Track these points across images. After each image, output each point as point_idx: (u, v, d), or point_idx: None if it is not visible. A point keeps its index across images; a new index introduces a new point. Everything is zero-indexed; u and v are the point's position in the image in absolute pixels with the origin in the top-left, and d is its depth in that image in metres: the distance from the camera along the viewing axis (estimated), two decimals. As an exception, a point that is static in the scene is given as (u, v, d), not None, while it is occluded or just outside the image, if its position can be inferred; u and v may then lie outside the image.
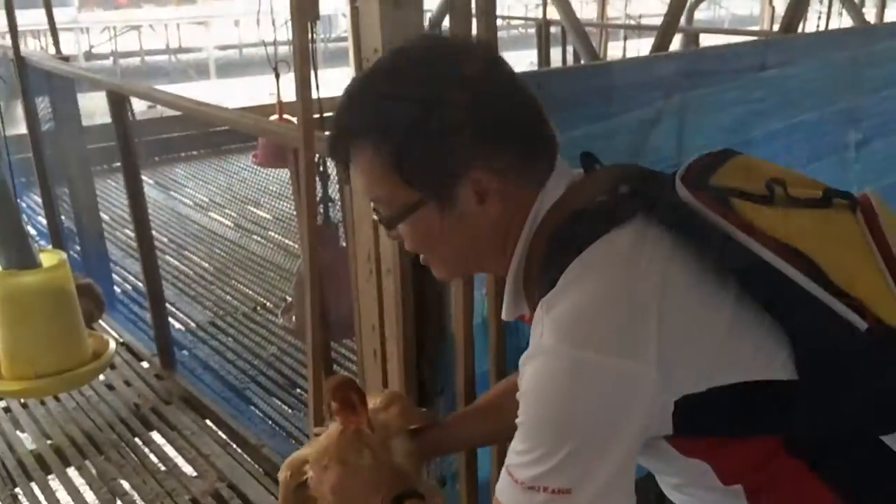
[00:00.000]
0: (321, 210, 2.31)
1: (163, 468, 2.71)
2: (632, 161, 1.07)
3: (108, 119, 3.10)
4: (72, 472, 2.73)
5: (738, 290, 0.86)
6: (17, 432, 2.95)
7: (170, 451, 2.83)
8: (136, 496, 2.57)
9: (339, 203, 2.60)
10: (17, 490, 2.62)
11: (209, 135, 6.47)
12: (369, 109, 0.93)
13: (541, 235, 0.94)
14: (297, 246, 3.83)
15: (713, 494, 0.95)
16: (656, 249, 0.87)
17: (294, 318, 2.91)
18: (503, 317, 1.02)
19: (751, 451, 0.90)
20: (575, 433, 0.83)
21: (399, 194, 0.94)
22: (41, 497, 2.59)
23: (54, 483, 2.68)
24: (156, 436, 2.92)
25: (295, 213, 3.51)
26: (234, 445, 2.83)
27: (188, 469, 2.72)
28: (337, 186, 2.29)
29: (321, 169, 2.32)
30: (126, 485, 2.62)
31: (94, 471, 2.71)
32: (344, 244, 2.20)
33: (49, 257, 2.85)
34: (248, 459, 2.74)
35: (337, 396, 1.17)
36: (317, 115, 1.94)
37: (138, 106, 3.69)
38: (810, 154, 2.25)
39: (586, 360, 0.81)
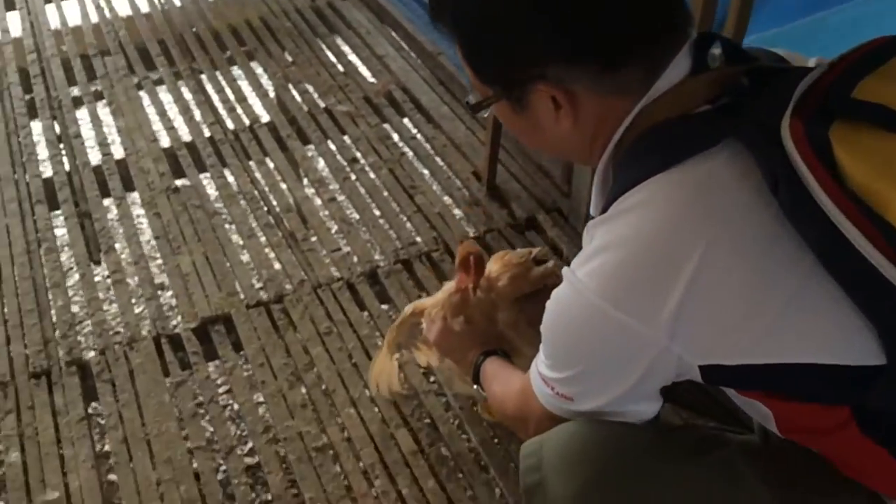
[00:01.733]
0: None
1: (337, 64, 2.62)
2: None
3: None
4: (248, 53, 2.69)
5: (814, 260, 0.72)
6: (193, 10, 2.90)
7: (345, 49, 2.71)
8: (309, 87, 2.51)
9: None
10: (196, 65, 2.62)
11: None
12: None
13: (621, 146, 0.85)
14: None
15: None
16: (728, 194, 0.75)
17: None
18: (591, 210, 0.94)
19: (815, 414, 0.81)
20: (578, 363, 0.86)
21: (477, 84, 0.90)
22: (219, 75, 2.57)
23: (231, 66, 2.66)
24: (331, 32, 2.78)
25: None
26: (410, 50, 2.67)
27: (363, 69, 2.61)
28: None
29: None
30: (300, 74, 2.56)
31: (269, 56, 2.65)
32: None
33: None
34: (423, 66, 2.59)
35: (459, 255, 1.29)
36: None
37: None
38: None
39: (601, 309, 0.79)
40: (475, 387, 1.24)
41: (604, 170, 0.88)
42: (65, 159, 2.25)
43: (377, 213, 2.05)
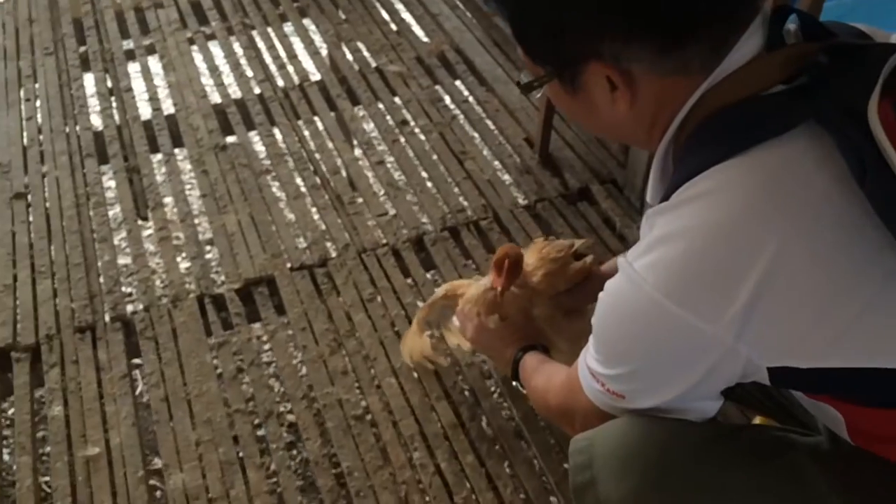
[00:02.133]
0: None
1: (390, 23, 2.56)
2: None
3: None
4: (300, 10, 2.64)
5: None
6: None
7: (399, 6, 2.65)
8: (361, 46, 2.46)
9: None
10: (248, 20, 2.58)
11: None
12: None
13: (683, 130, 0.78)
14: None
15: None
16: (807, 183, 0.68)
17: None
18: (647, 199, 0.88)
19: (890, 422, 0.76)
20: (632, 361, 0.80)
21: (529, 62, 0.85)
22: (270, 31, 2.53)
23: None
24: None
25: None
26: (465, 10, 2.59)
27: (416, 28, 2.55)
28: None
29: None
30: (352, 32, 2.51)
31: (321, 13, 2.60)
32: None
33: None
34: (478, 26, 2.51)
35: (496, 256, 1.24)
36: None
37: None
38: None
39: (660, 304, 0.73)
40: (514, 383, 1.20)
41: (664, 155, 0.82)
42: (115, 113, 2.25)
43: (425, 177, 2.01)
